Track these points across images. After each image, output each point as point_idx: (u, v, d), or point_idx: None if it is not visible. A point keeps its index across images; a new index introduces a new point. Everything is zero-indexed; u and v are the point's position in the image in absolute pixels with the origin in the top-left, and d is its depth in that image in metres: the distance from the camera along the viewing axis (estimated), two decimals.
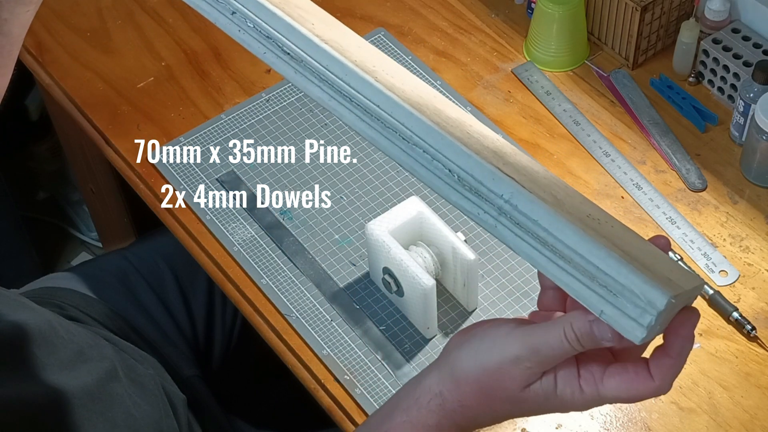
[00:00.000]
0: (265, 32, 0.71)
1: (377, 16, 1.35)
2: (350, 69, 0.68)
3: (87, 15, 1.38)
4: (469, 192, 0.65)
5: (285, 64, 0.71)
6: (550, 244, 0.63)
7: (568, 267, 0.63)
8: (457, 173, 0.65)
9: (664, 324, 0.64)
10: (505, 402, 0.70)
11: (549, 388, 0.68)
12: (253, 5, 0.71)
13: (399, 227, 1.02)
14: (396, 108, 0.67)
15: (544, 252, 0.64)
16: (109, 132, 1.24)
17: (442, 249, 1.02)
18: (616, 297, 0.62)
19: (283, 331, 1.06)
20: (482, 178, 0.64)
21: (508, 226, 0.65)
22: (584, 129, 1.21)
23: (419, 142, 0.66)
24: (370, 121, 0.68)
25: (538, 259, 0.64)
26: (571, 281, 0.63)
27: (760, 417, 0.97)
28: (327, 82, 0.69)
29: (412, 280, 0.98)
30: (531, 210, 0.63)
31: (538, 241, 0.64)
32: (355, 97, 0.68)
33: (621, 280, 0.61)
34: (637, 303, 0.61)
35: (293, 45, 0.70)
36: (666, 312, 0.60)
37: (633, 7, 1.20)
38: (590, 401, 0.68)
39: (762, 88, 1.12)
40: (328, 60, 0.69)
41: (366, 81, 0.68)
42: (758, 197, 1.14)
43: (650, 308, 0.60)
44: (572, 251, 0.62)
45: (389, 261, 1.00)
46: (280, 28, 0.70)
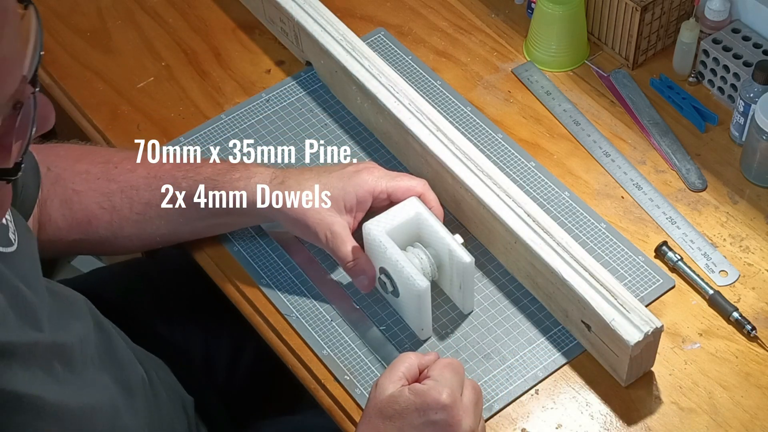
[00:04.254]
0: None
1: (377, 16, 1.35)
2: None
3: (87, 15, 1.38)
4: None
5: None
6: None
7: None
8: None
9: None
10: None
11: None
12: None
13: (396, 227, 1.01)
14: None
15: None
16: (109, 132, 1.24)
17: (439, 251, 1.02)
18: (628, 312, 0.92)
19: (283, 331, 1.06)
20: None
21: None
22: (584, 129, 1.21)
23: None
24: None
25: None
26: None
27: (760, 417, 0.97)
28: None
29: (407, 281, 0.98)
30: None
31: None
32: None
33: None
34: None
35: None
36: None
37: (633, 7, 1.20)
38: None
39: (762, 88, 1.12)
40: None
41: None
42: (758, 197, 1.14)
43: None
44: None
45: (385, 261, 1.00)
46: None
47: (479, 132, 1.20)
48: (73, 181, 1.05)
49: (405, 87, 1.13)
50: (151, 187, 1.05)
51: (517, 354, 1.02)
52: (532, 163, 1.17)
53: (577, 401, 0.99)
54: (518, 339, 1.03)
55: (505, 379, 1.01)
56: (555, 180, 1.15)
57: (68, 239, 1.06)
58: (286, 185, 1.03)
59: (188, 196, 1.04)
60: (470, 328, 1.04)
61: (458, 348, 1.03)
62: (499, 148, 1.18)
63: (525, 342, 1.03)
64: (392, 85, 1.14)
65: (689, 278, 1.06)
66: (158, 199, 1.05)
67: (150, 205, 1.05)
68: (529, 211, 1.03)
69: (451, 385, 0.88)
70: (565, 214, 1.12)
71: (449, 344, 1.03)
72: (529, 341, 1.03)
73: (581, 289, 0.97)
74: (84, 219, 1.05)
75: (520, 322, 1.04)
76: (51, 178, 1.05)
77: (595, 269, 0.98)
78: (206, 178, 1.04)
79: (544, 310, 1.05)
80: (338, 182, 1.03)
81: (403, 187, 1.04)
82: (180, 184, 1.04)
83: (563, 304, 1.01)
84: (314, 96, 1.26)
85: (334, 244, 1.02)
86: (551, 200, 1.13)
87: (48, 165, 1.05)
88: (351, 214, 1.03)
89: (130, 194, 1.05)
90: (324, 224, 1.02)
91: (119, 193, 1.05)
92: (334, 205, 1.02)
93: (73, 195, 1.05)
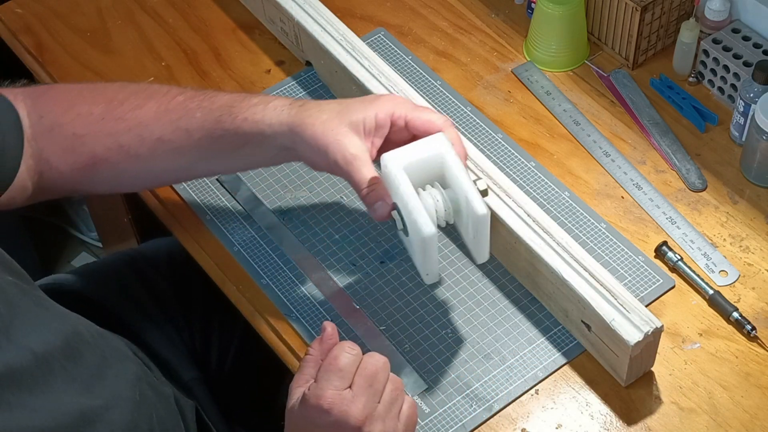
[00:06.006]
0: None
1: (377, 16, 1.35)
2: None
3: (87, 15, 1.38)
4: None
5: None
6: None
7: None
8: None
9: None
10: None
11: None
12: None
13: (414, 164, 0.93)
14: None
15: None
16: None
17: (458, 195, 0.94)
18: (628, 312, 0.94)
19: (283, 331, 1.06)
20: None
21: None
22: (584, 129, 1.21)
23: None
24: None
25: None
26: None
27: (760, 417, 0.97)
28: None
29: (414, 225, 0.92)
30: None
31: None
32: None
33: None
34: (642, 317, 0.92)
35: None
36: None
37: (633, 7, 1.20)
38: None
39: (762, 88, 1.12)
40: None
41: None
42: (758, 197, 1.14)
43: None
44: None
45: (397, 198, 0.93)
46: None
47: (479, 132, 1.20)
48: (73, 125, 0.99)
49: (405, 87, 1.14)
50: (162, 121, 0.98)
51: (517, 354, 1.02)
52: (532, 163, 1.17)
53: (577, 401, 0.99)
54: (518, 339, 1.03)
55: (505, 379, 1.01)
56: (555, 180, 1.15)
57: (71, 183, 1.02)
58: (305, 108, 0.96)
59: (203, 127, 0.98)
60: (470, 328, 1.04)
61: (458, 348, 1.03)
62: (499, 148, 1.19)
63: (525, 342, 1.03)
64: (392, 85, 1.14)
65: (689, 278, 1.06)
66: (170, 134, 0.98)
67: (162, 141, 0.98)
68: (529, 211, 1.03)
69: (328, 382, 0.86)
70: (565, 214, 1.12)
71: (449, 344, 1.03)
72: (529, 341, 1.03)
73: (581, 289, 0.97)
74: (89, 162, 1.00)
75: (520, 322, 1.05)
76: (45, 126, 0.99)
77: (595, 269, 0.98)
78: (222, 107, 0.98)
79: (544, 310, 1.05)
80: (358, 105, 0.96)
81: (423, 119, 0.96)
82: (194, 116, 0.98)
83: (563, 304, 1.01)
84: (314, 96, 1.26)
85: (352, 167, 0.94)
86: (551, 200, 1.13)
87: (40, 113, 0.99)
88: (369, 139, 0.96)
89: (140, 132, 0.98)
90: (341, 146, 0.94)
91: (127, 132, 0.99)
92: (353, 128, 0.95)
93: (75, 140, 0.99)
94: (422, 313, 1.06)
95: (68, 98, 1.01)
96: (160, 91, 1.01)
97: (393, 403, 0.89)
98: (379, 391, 0.88)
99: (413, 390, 1.00)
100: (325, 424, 0.86)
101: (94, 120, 0.99)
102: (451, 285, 1.08)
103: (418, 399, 1.00)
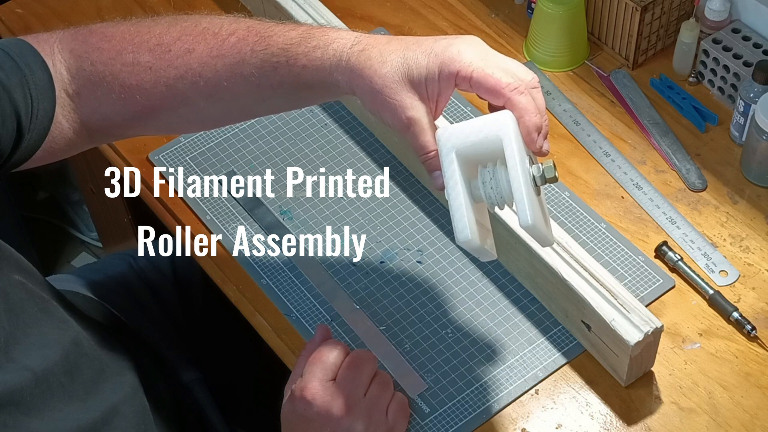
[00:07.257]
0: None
1: (377, 16, 1.35)
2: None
3: (87, 15, 1.38)
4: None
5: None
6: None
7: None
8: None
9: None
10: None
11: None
12: None
13: (470, 146, 0.86)
14: None
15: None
16: None
17: (513, 188, 0.85)
18: (628, 312, 0.95)
19: (283, 331, 1.06)
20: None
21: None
22: (584, 129, 1.21)
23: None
24: None
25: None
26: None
27: (760, 417, 0.97)
28: None
29: (455, 225, 0.86)
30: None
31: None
32: None
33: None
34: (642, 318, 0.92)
35: None
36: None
37: (633, 7, 1.20)
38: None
39: (762, 88, 1.12)
40: None
41: None
42: (758, 197, 1.14)
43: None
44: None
45: (446, 182, 0.87)
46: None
47: None
48: (120, 76, 0.94)
49: None
50: (215, 67, 0.92)
51: (517, 354, 1.02)
52: None
53: (577, 401, 0.99)
54: (518, 339, 1.03)
55: (505, 379, 1.01)
56: None
57: (122, 129, 0.98)
58: (366, 56, 0.88)
59: (260, 74, 0.92)
60: (470, 328, 1.04)
61: (458, 348, 1.03)
62: None
63: (525, 342, 1.03)
64: None
65: (689, 278, 1.06)
66: (225, 80, 0.92)
67: (218, 87, 0.93)
68: None
69: (312, 375, 0.89)
70: (565, 214, 1.12)
71: (449, 344, 1.03)
72: (529, 341, 1.03)
73: (581, 289, 0.97)
74: (142, 111, 0.95)
75: (520, 322, 1.05)
76: (90, 79, 0.94)
77: (595, 269, 0.98)
78: (279, 50, 0.91)
79: (544, 310, 1.05)
80: (424, 60, 0.87)
81: (490, 83, 0.85)
82: (248, 61, 0.92)
83: (563, 304, 1.01)
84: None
85: (409, 132, 0.87)
86: (551, 200, 1.13)
87: (81, 65, 0.94)
88: (433, 101, 0.88)
89: (192, 79, 0.93)
90: (403, 107, 0.87)
91: (179, 80, 0.93)
92: (414, 87, 0.87)
93: (123, 91, 0.94)
94: (422, 313, 1.06)
95: (115, 47, 0.95)
96: (210, 30, 0.94)
97: (379, 396, 0.91)
98: (364, 384, 0.91)
99: (413, 390, 1.00)
100: (311, 416, 0.89)
101: (142, 69, 0.94)
102: (451, 285, 1.08)
103: (418, 399, 1.00)
